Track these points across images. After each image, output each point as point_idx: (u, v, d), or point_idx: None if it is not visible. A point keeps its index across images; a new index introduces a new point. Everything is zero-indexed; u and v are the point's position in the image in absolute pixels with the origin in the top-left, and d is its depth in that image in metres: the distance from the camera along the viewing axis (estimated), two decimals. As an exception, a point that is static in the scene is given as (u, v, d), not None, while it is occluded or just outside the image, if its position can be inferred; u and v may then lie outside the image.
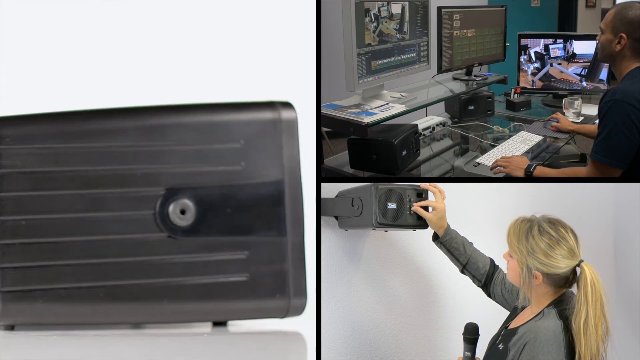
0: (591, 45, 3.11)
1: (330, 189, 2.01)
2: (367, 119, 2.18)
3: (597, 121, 2.06)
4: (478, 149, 2.54)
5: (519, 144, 2.48)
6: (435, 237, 1.92)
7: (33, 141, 1.81)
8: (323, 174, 2.18)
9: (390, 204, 1.86)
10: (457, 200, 2.04)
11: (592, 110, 2.86)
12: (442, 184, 1.92)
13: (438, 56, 2.83)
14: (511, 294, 1.88)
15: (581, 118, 2.86)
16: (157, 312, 1.84)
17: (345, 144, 2.25)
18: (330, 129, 2.28)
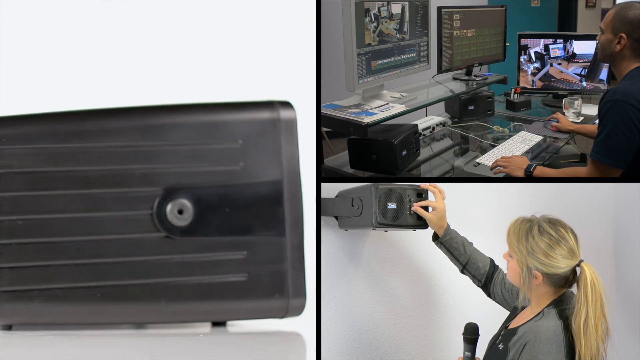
0: (591, 45, 3.11)
1: (330, 189, 2.01)
2: (367, 119, 2.18)
3: (597, 121, 2.06)
4: (478, 149, 2.54)
5: (519, 144, 2.47)
6: (435, 237, 1.92)
7: (30, 141, 1.80)
8: (323, 174, 2.18)
9: (390, 204, 1.86)
10: (457, 200, 2.04)
11: (592, 110, 2.86)
12: (442, 184, 1.92)
13: (438, 56, 2.82)
14: (511, 294, 1.88)
15: (581, 118, 2.86)
16: (154, 312, 1.83)
17: (345, 144, 2.25)
18: (330, 129, 2.28)
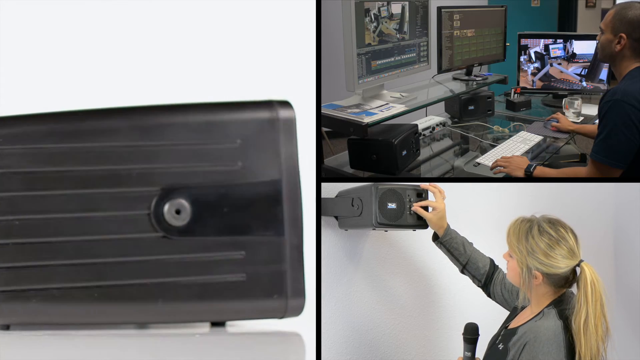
0: (591, 45, 3.11)
1: (330, 189, 2.01)
2: (367, 119, 2.18)
3: (597, 121, 2.06)
4: (478, 149, 2.53)
5: (519, 144, 2.47)
6: (435, 237, 1.92)
7: (27, 141, 1.79)
8: (323, 174, 2.18)
9: (390, 204, 1.86)
10: (457, 200, 2.04)
11: (592, 110, 2.86)
12: (442, 184, 1.91)
13: (438, 56, 2.82)
14: (511, 294, 1.87)
15: (581, 118, 2.86)
16: (152, 312, 1.83)
17: (345, 144, 2.25)
18: (330, 129, 2.28)
